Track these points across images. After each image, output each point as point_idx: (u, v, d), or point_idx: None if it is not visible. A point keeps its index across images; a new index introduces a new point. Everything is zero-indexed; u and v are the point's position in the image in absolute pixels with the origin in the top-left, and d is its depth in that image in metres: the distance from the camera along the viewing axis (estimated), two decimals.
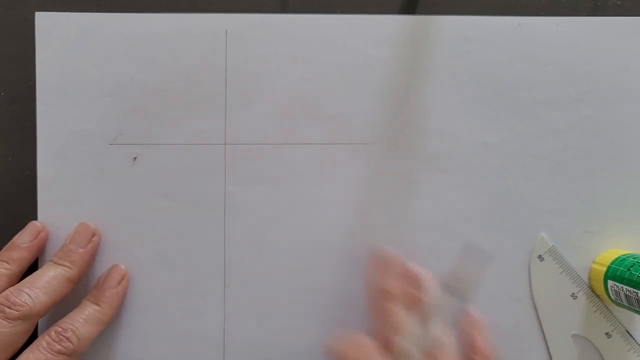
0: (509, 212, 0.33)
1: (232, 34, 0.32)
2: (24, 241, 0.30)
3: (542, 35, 0.32)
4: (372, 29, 0.32)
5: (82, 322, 0.29)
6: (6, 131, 0.32)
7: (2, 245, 0.31)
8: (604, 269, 0.31)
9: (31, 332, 0.28)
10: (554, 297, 0.32)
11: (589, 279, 0.32)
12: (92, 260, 0.31)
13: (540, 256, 0.32)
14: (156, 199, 0.32)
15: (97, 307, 0.30)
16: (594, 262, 0.32)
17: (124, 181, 0.32)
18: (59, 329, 0.28)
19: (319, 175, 0.32)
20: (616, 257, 0.31)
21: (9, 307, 0.27)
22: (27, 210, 0.32)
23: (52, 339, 0.28)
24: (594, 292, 0.32)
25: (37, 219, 0.31)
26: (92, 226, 0.31)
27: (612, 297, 0.31)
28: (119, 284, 0.31)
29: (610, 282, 0.31)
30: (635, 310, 0.29)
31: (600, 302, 0.32)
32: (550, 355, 0.32)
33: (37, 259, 0.31)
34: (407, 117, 0.32)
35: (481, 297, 0.32)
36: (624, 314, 0.32)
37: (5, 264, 0.29)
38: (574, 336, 0.32)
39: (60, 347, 0.28)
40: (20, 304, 0.27)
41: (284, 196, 0.32)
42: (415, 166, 0.32)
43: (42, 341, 0.28)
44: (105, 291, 0.30)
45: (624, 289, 0.30)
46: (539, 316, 0.32)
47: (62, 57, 0.32)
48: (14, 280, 0.29)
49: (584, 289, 0.32)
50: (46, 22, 0.31)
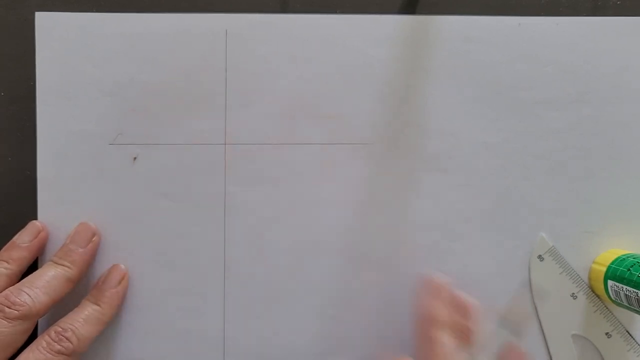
0: (509, 212, 0.33)
1: (232, 34, 0.32)
2: (24, 241, 0.30)
3: (542, 35, 0.32)
4: (372, 29, 0.32)
5: (82, 322, 0.29)
6: (6, 131, 0.32)
7: (2, 245, 0.31)
8: (604, 269, 0.31)
9: (31, 331, 0.28)
10: (554, 297, 0.32)
11: (589, 279, 0.32)
12: (92, 260, 0.31)
13: (540, 256, 0.32)
14: (156, 199, 0.32)
15: (97, 307, 0.30)
16: (594, 262, 0.32)
17: (124, 181, 0.32)
18: (59, 329, 0.28)
19: (319, 175, 0.32)
20: (616, 257, 0.31)
21: (9, 307, 0.27)
22: (27, 210, 0.32)
23: (52, 339, 0.28)
24: (594, 292, 0.32)
25: (37, 219, 0.31)
26: (92, 226, 0.31)
27: (612, 297, 0.31)
28: (119, 284, 0.31)
29: (610, 282, 0.31)
30: (635, 310, 0.29)
31: (600, 302, 0.32)
32: (550, 355, 0.32)
33: (37, 258, 0.31)
34: (407, 117, 0.32)
35: (481, 297, 0.32)
36: (624, 314, 0.32)
37: (5, 264, 0.29)
38: (574, 336, 0.32)
39: (60, 347, 0.28)
40: (20, 304, 0.27)
41: (284, 196, 0.32)
42: (415, 166, 0.32)
43: (41, 341, 0.28)
44: (105, 291, 0.30)
45: (624, 289, 0.30)
46: (539, 316, 0.32)
47: (62, 57, 0.32)
48: (13, 279, 0.29)
49: (584, 289, 0.32)
50: (46, 22, 0.31)
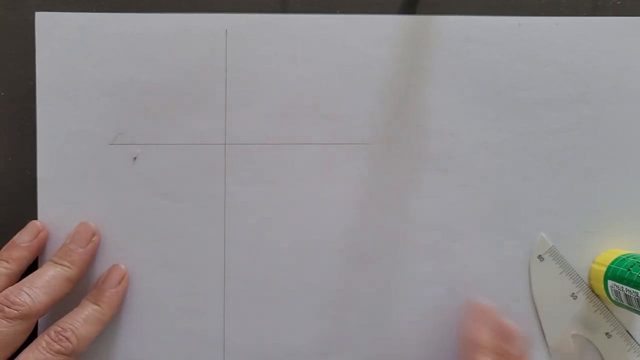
0: (509, 212, 0.32)
1: (232, 34, 0.32)
2: (24, 240, 0.30)
3: (542, 35, 0.32)
4: (372, 29, 0.32)
5: (82, 322, 0.29)
6: (6, 131, 0.32)
7: (2, 244, 0.31)
8: (604, 269, 0.31)
9: (30, 331, 0.28)
10: (554, 297, 0.32)
11: (589, 279, 0.32)
12: (92, 260, 0.31)
13: (540, 256, 0.32)
14: (156, 199, 0.32)
15: (96, 307, 0.30)
16: (594, 262, 0.32)
17: (124, 181, 0.32)
18: (59, 329, 0.28)
19: (319, 175, 0.32)
20: (616, 257, 0.31)
21: (9, 307, 0.27)
22: (27, 210, 0.32)
23: (52, 339, 0.28)
24: (594, 292, 0.32)
25: (37, 218, 0.31)
26: (92, 226, 0.31)
27: (612, 297, 0.31)
28: (118, 284, 0.31)
29: (610, 282, 0.31)
30: (635, 310, 0.29)
31: (600, 302, 0.32)
32: (550, 355, 0.32)
33: (37, 258, 0.31)
34: (407, 117, 0.32)
35: (481, 297, 0.32)
36: (624, 314, 0.32)
37: (5, 263, 0.29)
38: (574, 336, 0.32)
39: (59, 346, 0.28)
40: (19, 304, 0.27)
41: (284, 196, 0.32)
42: (415, 166, 0.32)
43: (41, 341, 0.28)
44: (105, 291, 0.30)
45: (624, 289, 0.29)
46: (539, 316, 0.32)
47: (62, 57, 0.32)
48: (13, 279, 0.29)
49: (584, 289, 0.32)
50: (46, 22, 0.32)
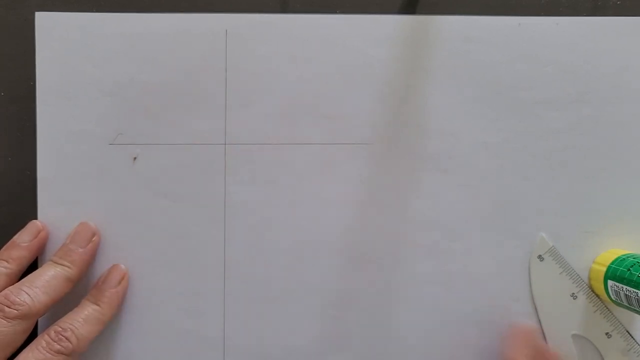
0: (509, 212, 0.32)
1: (232, 34, 0.32)
2: (24, 240, 0.30)
3: (542, 35, 0.32)
4: (372, 29, 0.32)
5: (82, 321, 0.29)
6: (6, 131, 0.32)
7: (2, 244, 0.31)
8: (604, 269, 0.31)
9: (30, 331, 0.28)
10: (554, 297, 0.32)
11: (589, 279, 0.32)
12: (92, 260, 0.31)
13: (540, 256, 0.32)
14: (156, 199, 0.32)
15: (96, 307, 0.30)
16: (594, 262, 0.32)
17: (124, 181, 0.32)
18: (59, 329, 0.28)
19: (319, 175, 0.32)
20: (616, 257, 0.31)
21: (9, 306, 0.27)
22: (27, 210, 0.32)
23: (52, 339, 0.28)
24: (594, 292, 0.32)
25: (37, 218, 0.31)
26: (92, 226, 0.31)
27: (612, 297, 0.31)
28: (118, 284, 0.31)
29: (610, 282, 0.31)
30: (635, 310, 0.29)
31: (600, 302, 0.32)
32: None
33: (37, 258, 0.31)
34: (407, 117, 0.32)
35: (481, 297, 0.32)
36: (624, 314, 0.32)
37: (4, 263, 0.29)
38: (574, 336, 0.32)
39: (59, 346, 0.28)
40: (19, 303, 0.27)
41: (284, 196, 0.32)
42: (415, 166, 0.32)
43: (41, 340, 0.28)
44: (105, 291, 0.30)
45: (624, 289, 0.29)
46: (539, 316, 0.32)
47: (62, 57, 0.32)
48: (13, 279, 0.29)
49: (584, 289, 0.32)
50: (46, 22, 0.32)
